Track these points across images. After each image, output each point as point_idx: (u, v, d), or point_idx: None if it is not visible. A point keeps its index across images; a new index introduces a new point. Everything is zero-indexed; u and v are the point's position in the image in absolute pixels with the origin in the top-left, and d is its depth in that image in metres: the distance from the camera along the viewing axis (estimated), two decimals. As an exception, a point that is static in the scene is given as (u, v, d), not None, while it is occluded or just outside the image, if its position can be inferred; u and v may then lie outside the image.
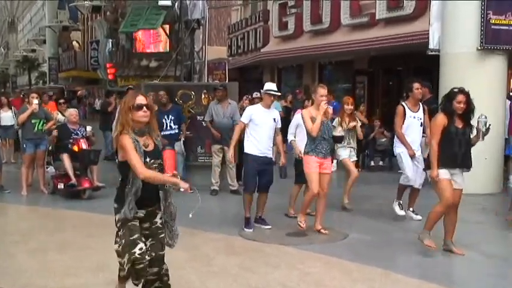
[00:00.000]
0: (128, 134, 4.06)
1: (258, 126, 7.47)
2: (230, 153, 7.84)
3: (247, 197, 7.59)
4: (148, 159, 4.07)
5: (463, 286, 5.42)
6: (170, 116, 10.33)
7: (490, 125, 6.40)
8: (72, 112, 10.34)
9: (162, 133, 10.22)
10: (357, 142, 9.25)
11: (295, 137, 8.20)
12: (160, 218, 4.24)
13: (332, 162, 8.03)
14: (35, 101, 10.11)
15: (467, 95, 6.15)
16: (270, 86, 7.77)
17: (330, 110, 7.24)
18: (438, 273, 5.85)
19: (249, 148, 7.52)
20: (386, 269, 5.83)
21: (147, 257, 4.08)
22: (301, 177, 8.29)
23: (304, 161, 7.28)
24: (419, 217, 7.84)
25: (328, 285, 5.37)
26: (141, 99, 4.09)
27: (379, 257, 6.29)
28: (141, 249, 4.05)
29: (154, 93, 10.64)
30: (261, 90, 8.08)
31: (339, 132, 8.36)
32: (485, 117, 6.38)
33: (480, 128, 6.35)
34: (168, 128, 10.29)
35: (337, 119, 8.67)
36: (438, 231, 6.40)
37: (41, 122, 10.21)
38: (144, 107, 4.08)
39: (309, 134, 7.16)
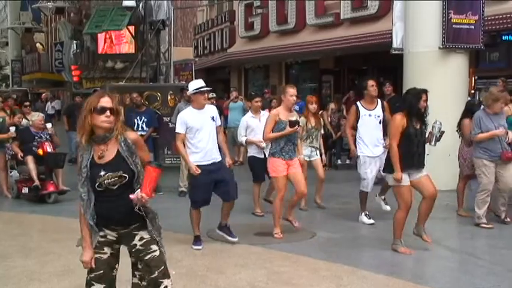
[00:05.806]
0: (81, 143, 3.51)
1: (198, 132, 6.49)
2: (192, 169, 6.46)
3: (193, 214, 6.66)
4: (103, 173, 3.45)
5: (429, 281, 5.49)
6: (143, 118, 10.34)
7: (443, 132, 6.50)
8: (40, 118, 10.17)
9: None
10: (326, 141, 9.24)
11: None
12: (140, 240, 3.56)
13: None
14: (12, 129, 9.97)
15: (427, 93, 6.25)
16: (199, 83, 6.66)
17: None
18: (405, 269, 5.94)
19: (193, 159, 6.50)
20: (354, 266, 5.89)
21: None
22: (257, 176, 8.36)
23: (269, 163, 7.15)
24: (388, 207, 7.83)
25: (296, 284, 5.38)
26: (105, 101, 3.46)
27: (347, 255, 6.34)
28: None
29: (123, 95, 10.69)
30: (188, 92, 6.99)
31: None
32: (440, 124, 6.48)
33: (434, 133, 6.45)
34: (140, 129, 10.24)
35: (302, 119, 8.63)
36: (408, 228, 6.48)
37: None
38: (108, 111, 3.44)
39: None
